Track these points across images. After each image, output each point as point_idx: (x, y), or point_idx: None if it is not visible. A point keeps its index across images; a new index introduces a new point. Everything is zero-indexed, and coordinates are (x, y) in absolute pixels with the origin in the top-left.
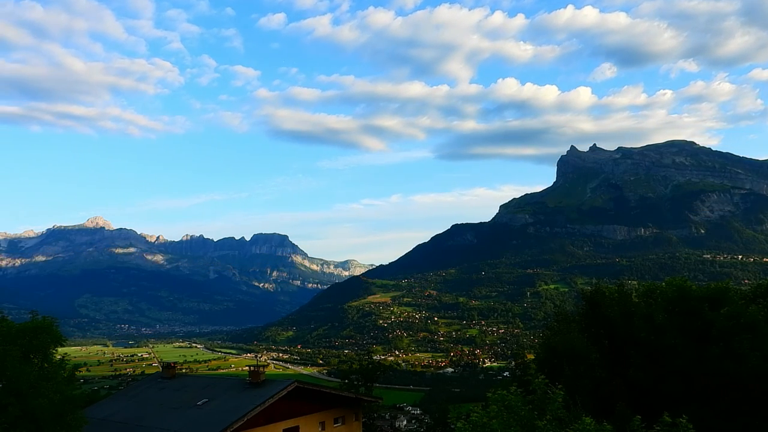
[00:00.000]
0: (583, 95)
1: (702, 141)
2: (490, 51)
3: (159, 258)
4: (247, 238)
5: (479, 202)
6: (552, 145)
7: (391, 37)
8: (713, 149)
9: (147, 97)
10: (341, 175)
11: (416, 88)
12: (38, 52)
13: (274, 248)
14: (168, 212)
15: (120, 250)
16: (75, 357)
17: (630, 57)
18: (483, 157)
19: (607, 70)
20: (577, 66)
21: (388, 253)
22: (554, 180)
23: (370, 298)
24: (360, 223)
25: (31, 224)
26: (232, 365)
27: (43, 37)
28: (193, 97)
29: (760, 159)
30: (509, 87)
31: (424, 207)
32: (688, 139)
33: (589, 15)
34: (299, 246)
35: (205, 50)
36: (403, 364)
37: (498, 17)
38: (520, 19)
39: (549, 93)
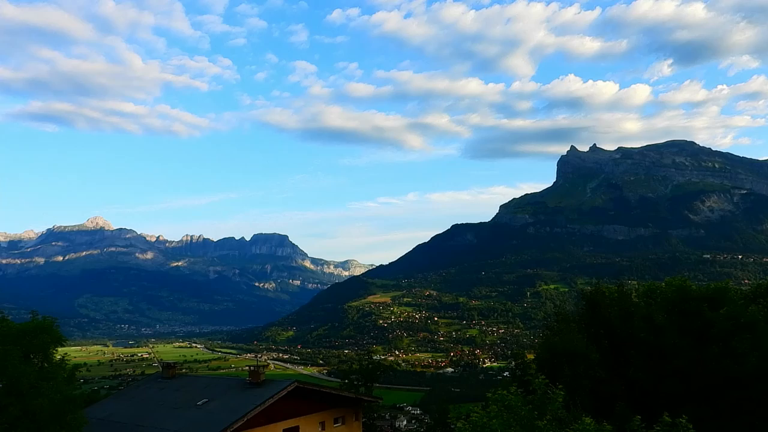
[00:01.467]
0: (641, 93)
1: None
2: (555, 46)
3: (159, 258)
4: (247, 238)
5: (497, 200)
6: (589, 143)
7: (459, 32)
8: (713, 149)
9: (199, 93)
10: (361, 172)
11: (472, 85)
12: (99, 48)
13: (274, 248)
14: (179, 211)
15: (120, 250)
16: (75, 357)
17: (694, 52)
18: (521, 156)
19: (666, 67)
20: (638, 62)
21: (388, 254)
22: (555, 180)
23: (370, 298)
24: (374, 221)
25: (31, 224)
26: (232, 365)
27: (108, 31)
28: (246, 92)
29: (760, 159)
30: (568, 84)
31: (440, 205)
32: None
33: (666, 7)
34: (299, 246)
35: (269, 46)
36: (403, 364)
37: (570, 11)
38: (592, 13)
39: (606, 90)
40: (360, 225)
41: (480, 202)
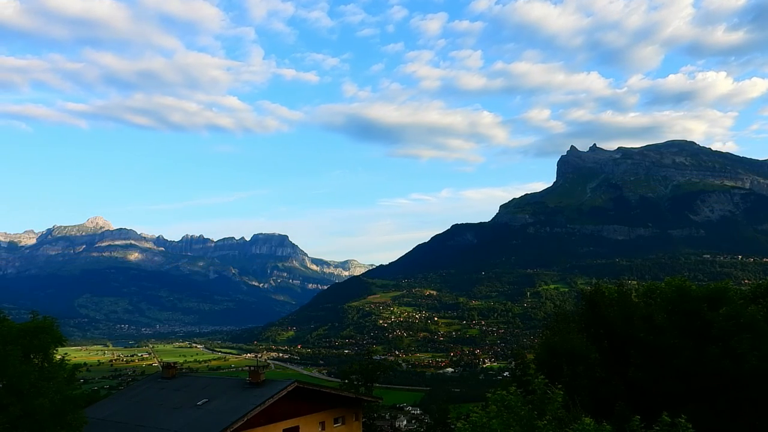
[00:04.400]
0: (760, 85)
1: None
2: (689, 38)
3: (159, 258)
4: (247, 238)
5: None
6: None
7: (598, 21)
8: (713, 149)
9: (306, 86)
10: (418, 168)
11: (589, 78)
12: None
13: (274, 248)
14: (211, 208)
15: (120, 250)
16: (75, 357)
17: None
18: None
19: None
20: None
21: (388, 254)
22: (555, 180)
23: (370, 298)
24: (400, 219)
25: (31, 224)
26: (232, 365)
27: (240, 22)
28: (357, 83)
29: (761, 159)
30: (685, 79)
31: (472, 202)
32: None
33: None
34: (299, 246)
35: (400, 35)
36: (403, 364)
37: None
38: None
39: (721, 84)
40: (386, 222)
41: (485, 200)
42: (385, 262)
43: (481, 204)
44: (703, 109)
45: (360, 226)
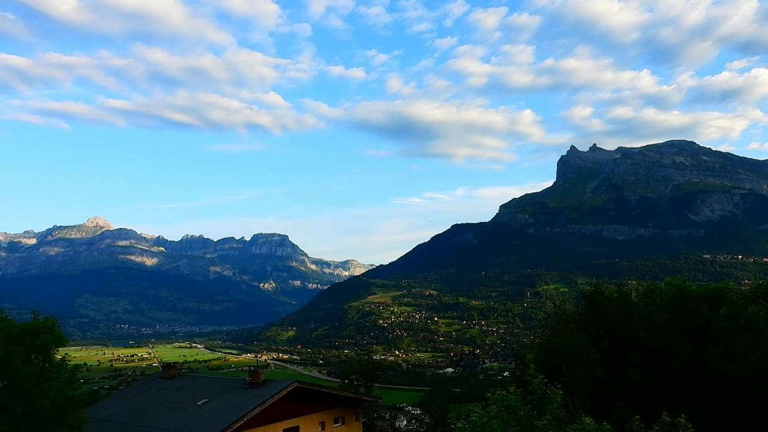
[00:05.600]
0: None
1: None
2: (747, 34)
3: (159, 258)
4: (247, 238)
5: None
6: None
7: (658, 15)
8: (713, 149)
9: (350, 82)
10: (439, 165)
11: (639, 76)
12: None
13: (274, 248)
14: (218, 207)
15: (120, 250)
16: (75, 357)
17: None
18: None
19: None
20: None
21: (388, 254)
22: (554, 180)
23: (370, 298)
24: (412, 218)
25: (31, 224)
26: (232, 365)
27: (298, 19)
28: (404, 78)
29: (760, 159)
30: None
31: (486, 200)
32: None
33: None
34: (299, 246)
35: (458, 30)
36: (403, 364)
37: None
38: None
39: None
40: (397, 221)
41: (500, 198)
42: (385, 262)
43: (493, 202)
44: (744, 108)
45: (369, 225)
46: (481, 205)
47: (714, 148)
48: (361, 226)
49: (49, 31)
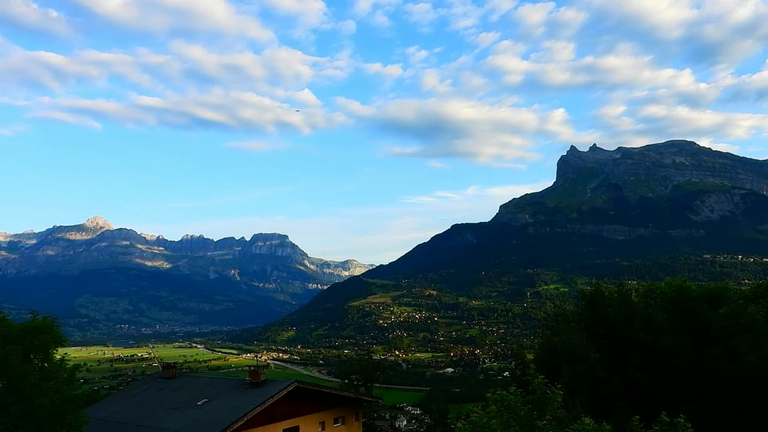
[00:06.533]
0: None
1: None
2: None
3: (159, 258)
4: (247, 238)
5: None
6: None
7: (710, 15)
8: (713, 149)
9: (386, 80)
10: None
11: (677, 74)
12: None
13: (274, 248)
14: (227, 206)
15: (120, 251)
16: (75, 357)
17: None
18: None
19: None
20: None
21: (388, 254)
22: (554, 180)
23: (370, 298)
24: (421, 217)
25: (31, 224)
26: (232, 365)
27: (341, 17)
28: (440, 76)
29: (760, 159)
30: None
31: (497, 199)
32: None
33: None
34: (299, 246)
35: (501, 25)
36: (403, 364)
37: None
38: None
39: None
40: (406, 220)
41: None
42: (386, 262)
43: (501, 201)
44: None
45: (376, 224)
46: (490, 203)
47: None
48: (368, 225)
49: (90, 28)
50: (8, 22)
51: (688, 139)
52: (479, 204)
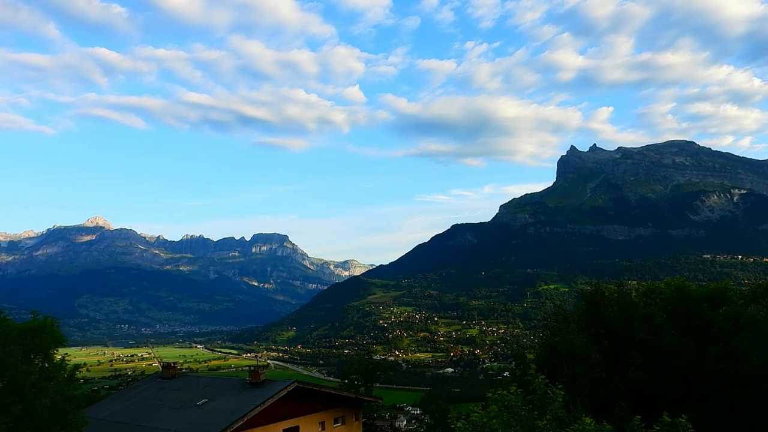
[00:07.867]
0: None
1: None
2: None
3: (159, 258)
4: (247, 238)
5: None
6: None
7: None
8: (713, 149)
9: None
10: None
11: (734, 72)
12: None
13: (274, 248)
14: (233, 206)
15: (120, 251)
16: (75, 357)
17: None
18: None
19: None
20: None
21: (388, 254)
22: (555, 180)
23: (370, 298)
24: (437, 215)
25: (31, 224)
26: (232, 365)
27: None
28: (494, 73)
29: (760, 159)
30: None
31: (512, 198)
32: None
33: None
34: (299, 246)
35: (565, 18)
36: (403, 364)
37: None
38: None
39: None
40: (420, 219)
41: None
42: (386, 262)
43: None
44: None
45: (389, 224)
46: (501, 201)
47: None
48: (379, 225)
49: (151, 24)
50: (68, 18)
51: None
52: (493, 202)
